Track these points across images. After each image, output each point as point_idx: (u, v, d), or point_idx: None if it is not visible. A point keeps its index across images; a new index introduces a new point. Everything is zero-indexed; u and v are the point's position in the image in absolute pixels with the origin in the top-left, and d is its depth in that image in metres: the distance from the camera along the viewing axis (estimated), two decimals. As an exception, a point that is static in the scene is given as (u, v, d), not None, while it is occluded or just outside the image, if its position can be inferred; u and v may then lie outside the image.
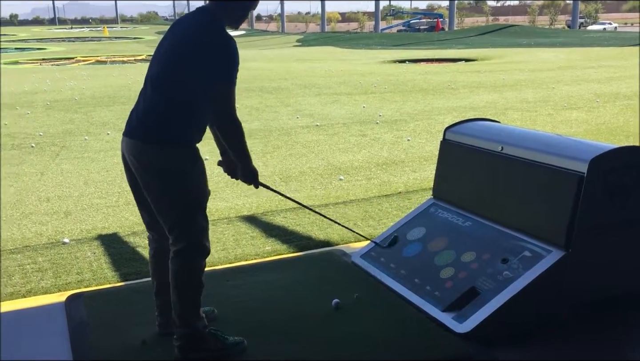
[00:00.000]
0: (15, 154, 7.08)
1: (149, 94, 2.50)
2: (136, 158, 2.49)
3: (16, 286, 3.53)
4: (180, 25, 2.58)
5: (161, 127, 2.46)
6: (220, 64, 2.44)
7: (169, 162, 2.47)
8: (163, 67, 2.49)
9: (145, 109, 2.50)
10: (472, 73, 15.63)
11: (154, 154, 2.46)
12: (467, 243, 3.22)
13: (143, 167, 2.49)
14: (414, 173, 6.05)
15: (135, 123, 2.52)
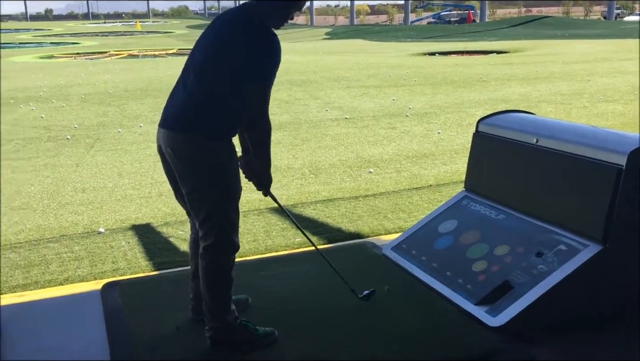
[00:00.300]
0: (51, 146, 7.23)
1: (188, 87, 2.51)
2: (172, 149, 2.51)
3: (54, 274, 3.62)
4: (224, 21, 2.57)
5: (199, 120, 2.47)
6: (258, 64, 2.43)
7: (205, 155, 2.48)
8: (203, 61, 2.50)
9: (183, 101, 2.51)
10: (504, 65, 15.40)
11: (190, 146, 2.48)
12: (500, 236, 3.19)
13: (179, 158, 2.50)
14: (444, 166, 6.00)
15: (172, 115, 2.54)
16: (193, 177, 2.52)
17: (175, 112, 2.53)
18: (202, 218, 2.55)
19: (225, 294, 2.62)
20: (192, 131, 2.47)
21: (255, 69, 2.43)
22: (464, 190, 3.76)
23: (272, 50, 2.45)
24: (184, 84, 2.54)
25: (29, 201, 5.12)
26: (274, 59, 2.46)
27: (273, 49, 2.45)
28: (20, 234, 4.31)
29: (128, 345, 2.70)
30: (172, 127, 2.51)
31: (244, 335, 2.64)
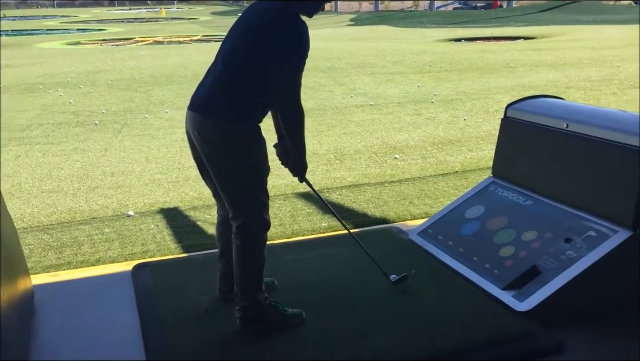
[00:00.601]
0: (80, 131, 7.35)
1: (218, 71, 2.55)
2: (199, 132, 2.54)
3: (85, 255, 3.70)
4: (257, 9, 2.60)
5: (226, 104, 2.51)
6: (289, 51, 2.47)
7: (231, 138, 2.52)
8: (234, 47, 2.54)
9: (212, 85, 2.55)
10: (532, 51, 15.16)
11: (216, 129, 2.52)
12: (528, 222, 3.17)
13: (206, 141, 2.54)
14: (470, 153, 5.96)
15: (201, 98, 2.57)
16: (219, 160, 2.56)
17: (203, 96, 2.57)
18: (231, 199, 2.60)
19: (257, 273, 2.66)
20: (218, 115, 2.51)
21: (287, 55, 2.47)
22: (491, 176, 3.75)
23: (303, 37, 2.48)
24: (214, 71, 2.59)
25: (60, 184, 5.22)
26: (304, 45, 2.49)
27: (304, 35, 2.48)
28: (52, 216, 4.41)
29: (159, 324, 2.76)
30: (199, 111, 2.55)
31: (273, 316, 2.68)
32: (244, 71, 2.50)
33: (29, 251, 3.73)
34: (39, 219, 4.35)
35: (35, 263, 3.57)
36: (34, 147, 6.58)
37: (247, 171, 2.57)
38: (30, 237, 4.00)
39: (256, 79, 2.51)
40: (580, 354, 2.51)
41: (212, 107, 2.53)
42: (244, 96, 2.51)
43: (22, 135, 7.17)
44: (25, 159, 6.06)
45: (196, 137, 2.58)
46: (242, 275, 2.64)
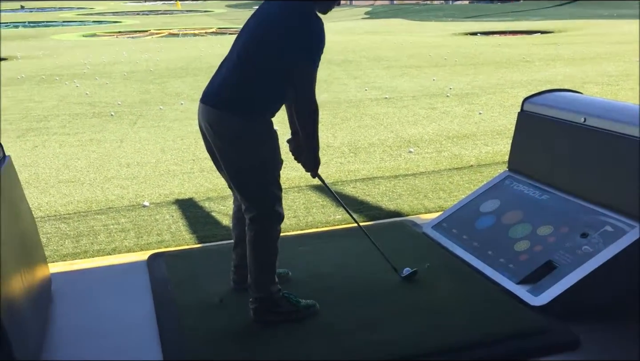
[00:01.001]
0: (96, 122, 7.41)
1: (232, 65, 2.56)
2: (211, 125, 2.56)
3: (102, 244, 3.74)
4: (273, 4, 2.59)
5: (240, 98, 2.52)
6: (303, 45, 2.48)
7: (244, 132, 2.53)
8: (250, 41, 2.55)
9: (226, 78, 2.57)
10: (548, 45, 15.01)
11: (230, 122, 2.53)
12: (543, 216, 3.15)
13: (218, 134, 2.56)
14: (486, 147, 5.93)
15: (214, 91, 2.58)
16: (232, 153, 2.58)
17: (216, 89, 2.58)
18: (244, 192, 2.61)
19: (271, 265, 2.68)
20: (231, 108, 2.52)
21: (303, 50, 2.47)
22: (506, 170, 3.72)
23: (318, 32, 2.49)
24: (228, 64, 2.59)
25: (77, 174, 5.27)
26: (319, 41, 2.50)
27: (319, 30, 2.49)
28: (69, 206, 4.46)
29: (174, 313, 2.78)
30: (212, 104, 2.56)
31: (287, 307, 2.70)
32: (258, 65, 2.51)
33: (46, 239, 3.78)
34: (56, 209, 4.40)
35: (53, 252, 3.62)
36: (51, 137, 6.65)
37: (260, 165, 2.58)
38: (47, 226, 4.05)
39: (270, 74, 2.51)
40: (595, 350, 2.49)
41: (226, 101, 2.54)
42: (257, 90, 2.52)
43: (39, 125, 7.24)
44: (42, 150, 6.13)
45: (208, 130, 2.59)
46: (256, 267, 2.66)
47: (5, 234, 2.26)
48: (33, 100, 8.98)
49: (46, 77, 11.21)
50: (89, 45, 18.81)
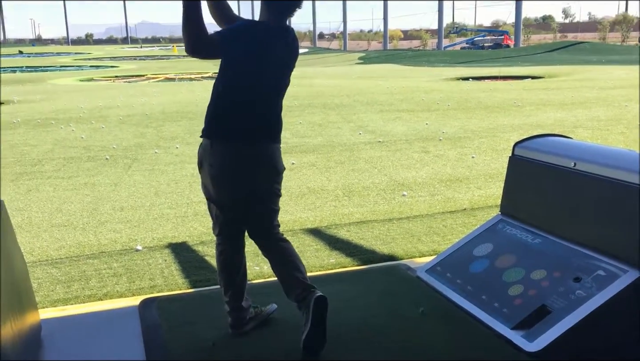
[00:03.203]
0: (91, 166, 7.43)
1: (268, 97, 2.74)
2: (270, 159, 2.73)
3: (93, 289, 3.70)
4: (281, 35, 2.74)
5: (279, 128, 2.78)
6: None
7: (279, 158, 2.81)
8: (280, 73, 2.77)
9: (271, 110, 2.75)
10: (539, 90, 15.28)
11: (275, 151, 2.75)
12: (537, 260, 3.16)
13: (267, 166, 2.74)
14: (479, 190, 5.96)
15: (271, 128, 2.74)
16: (278, 179, 2.86)
17: (266, 122, 2.75)
18: (274, 213, 2.90)
19: None
20: (275, 140, 2.78)
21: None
22: (499, 214, 3.75)
23: None
24: (259, 95, 2.71)
25: (70, 218, 5.26)
26: None
27: None
28: (61, 250, 4.43)
29: (166, 359, 2.74)
30: (270, 137, 2.77)
31: None
32: (282, 96, 2.82)
33: (37, 285, 3.74)
34: (48, 253, 4.37)
35: (44, 297, 3.58)
36: (45, 181, 6.65)
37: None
38: (39, 271, 4.02)
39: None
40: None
41: (276, 133, 2.77)
42: (280, 119, 2.81)
43: (33, 169, 7.25)
44: (36, 193, 6.12)
45: (263, 164, 2.73)
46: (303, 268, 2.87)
47: (-5, 279, 2.25)
48: (28, 144, 9.02)
49: (42, 121, 11.28)
50: (86, 90, 19.00)
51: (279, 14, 2.72)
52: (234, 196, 2.76)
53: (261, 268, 3.92)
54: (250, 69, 2.66)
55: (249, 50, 2.63)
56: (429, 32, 63.62)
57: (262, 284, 3.65)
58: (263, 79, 2.70)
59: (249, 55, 2.64)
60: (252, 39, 2.65)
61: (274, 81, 2.74)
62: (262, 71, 2.69)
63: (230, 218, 2.82)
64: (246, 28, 2.71)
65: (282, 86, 2.79)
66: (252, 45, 2.64)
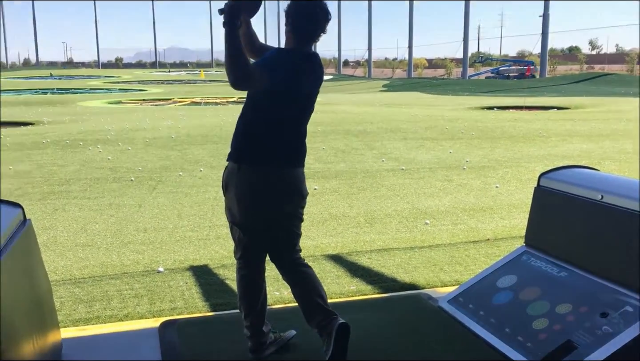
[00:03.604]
0: (116, 187, 7.53)
1: (301, 124, 2.83)
2: (301, 183, 2.81)
3: (114, 310, 3.72)
4: (309, 62, 2.81)
5: (304, 154, 2.88)
6: None
7: (304, 184, 2.90)
8: (308, 102, 2.84)
9: (302, 140, 2.84)
10: (565, 121, 15.15)
11: (297, 178, 2.83)
12: (562, 294, 3.10)
13: (303, 189, 2.81)
14: (502, 221, 5.90)
15: (299, 153, 2.82)
16: (303, 205, 2.91)
17: (302, 150, 2.84)
18: (298, 235, 2.94)
19: None
20: (301, 164, 2.86)
21: None
22: (524, 245, 3.69)
23: None
24: (298, 128, 2.83)
25: (94, 238, 5.32)
26: None
27: None
28: (84, 270, 4.47)
29: (183, 383, 2.73)
30: (302, 165, 2.85)
31: None
32: (309, 118, 2.89)
33: (60, 304, 3.77)
34: (71, 273, 4.42)
35: (65, 316, 3.60)
36: (72, 201, 6.75)
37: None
38: (62, 290, 4.06)
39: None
40: None
41: (302, 157, 2.88)
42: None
43: (61, 189, 7.37)
44: (62, 213, 6.22)
45: (289, 188, 2.79)
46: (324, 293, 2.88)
47: (20, 299, 2.27)
48: (56, 164, 9.19)
49: (70, 142, 11.50)
50: (114, 112, 19.36)
51: (306, 40, 2.76)
52: (259, 219, 2.78)
53: (281, 293, 3.91)
54: (283, 97, 2.71)
55: (284, 80, 2.68)
56: (454, 61, 63.75)
57: (281, 310, 3.64)
58: (293, 106, 2.75)
59: (284, 85, 2.69)
60: (287, 68, 2.70)
61: (302, 108, 2.79)
62: (294, 99, 2.74)
63: (253, 242, 2.83)
64: (280, 58, 2.75)
65: (309, 112, 2.84)
66: (286, 75, 2.69)
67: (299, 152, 2.82)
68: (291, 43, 2.76)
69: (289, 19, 2.74)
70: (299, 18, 2.72)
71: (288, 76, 2.68)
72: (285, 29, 2.79)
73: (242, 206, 2.74)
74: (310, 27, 2.74)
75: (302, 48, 2.76)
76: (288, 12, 2.74)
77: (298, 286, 2.87)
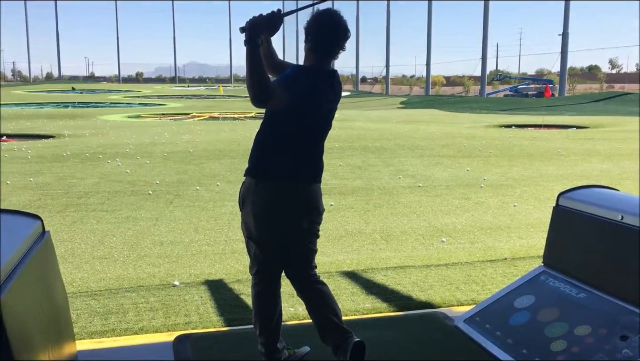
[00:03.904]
0: (134, 200, 7.59)
1: (319, 143, 2.86)
2: (317, 200, 2.83)
3: (129, 323, 3.73)
4: (328, 78, 2.82)
5: (321, 169, 2.90)
6: None
7: (320, 200, 2.91)
8: (327, 119, 2.86)
9: (320, 156, 2.86)
10: (584, 140, 15.02)
11: (314, 193, 2.85)
12: (581, 316, 3.05)
13: (304, 206, 2.81)
14: (520, 240, 5.83)
15: (316, 169, 2.84)
16: (319, 221, 2.93)
17: (321, 167, 2.86)
18: (314, 252, 2.94)
19: None
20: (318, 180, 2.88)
21: None
22: (542, 265, 3.65)
23: None
24: (317, 144, 2.85)
25: (111, 251, 5.35)
26: None
27: None
28: (101, 283, 4.50)
29: (196, 398, 2.72)
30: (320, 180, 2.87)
31: None
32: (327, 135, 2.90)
33: (76, 316, 3.80)
34: (88, 285, 4.45)
35: (81, 329, 3.62)
36: (90, 213, 6.82)
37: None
38: (78, 302, 4.08)
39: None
40: None
41: (319, 173, 2.89)
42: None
43: (79, 202, 7.45)
44: (80, 225, 6.27)
45: (306, 204, 2.80)
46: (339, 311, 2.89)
47: (37, 310, 2.29)
48: (76, 177, 9.30)
49: (90, 155, 11.64)
50: (133, 126, 19.58)
51: (325, 57, 2.78)
52: (275, 234, 2.78)
53: (296, 309, 3.90)
54: (301, 114, 2.73)
55: (303, 97, 2.70)
56: (472, 79, 63.64)
57: (296, 326, 3.62)
58: (311, 123, 2.76)
59: (303, 102, 2.70)
60: (306, 85, 2.71)
61: (320, 124, 2.81)
62: (311, 115, 2.75)
63: (269, 257, 2.83)
64: (300, 75, 2.75)
65: (327, 128, 2.86)
66: (305, 92, 2.70)
67: (316, 169, 2.83)
68: (310, 60, 2.78)
69: (308, 36, 2.76)
70: (319, 35, 2.74)
71: (307, 93, 2.69)
72: (305, 46, 2.81)
73: (258, 221, 2.74)
74: (330, 45, 2.75)
75: (321, 65, 2.78)
76: (308, 29, 2.76)
77: (313, 304, 2.86)
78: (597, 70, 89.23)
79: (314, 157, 2.81)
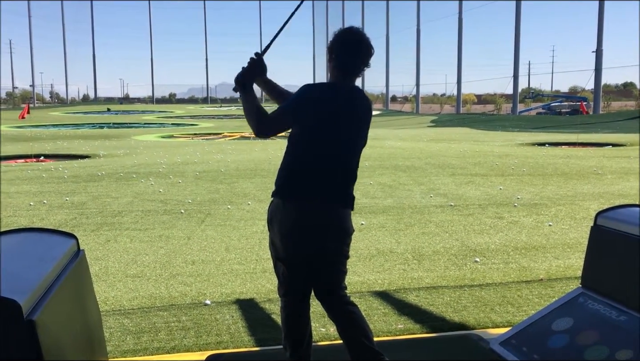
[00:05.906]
0: (166, 219, 7.67)
1: (343, 161, 2.78)
2: (340, 223, 2.76)
3: (162, 342, 3.75)
4: (355, 94, 2.80)
5: (351, 191, 2.84)
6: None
7: (349, 221, 2.84)
8: (354, 136, 2.79)
9: (345, 174, 2.79)
10: (621, 158, 14.68)
11: (342, 215, 2.78)
12: (622, 339, 2.94)
13: (343, 229, 2.77)
14: (556, 260, 5.69)
15: (339, 189, 2.77)
16: (347, 244, 2.87)
17: (339, 187, 2.79)
18: (343, 273, 2.89)
19: None
20: (349, 204, 2.83)
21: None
22: (580, 286, 3.54)
23: None
24: (334, 157, 2.77)
25: (144, 269, 5.41)
26: None
27: None
28: (133, 301, 4.54)
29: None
30: (341, 202, 2.80)
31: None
32: (358, 155, 2.82)
33: (109, 334, 3.83)
34: (121, 303, 4.49)
35: (114, 347, 3.65)
36: (123, 232, 6.91)
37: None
38: (111, 320, 4.12)
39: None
40: None
41: (349, 198, 2.80)
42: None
43: (113, 220, 7.56)
44: (114, 244, 6.36)
45: (333, 225, 2.75)
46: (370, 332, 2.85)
47: (71, 329, 2.31)
48: (110, 196, 9.46)
49: (124, 175, 11.84)
50: (166, 146, 19.90)
51: (349, 74, 2.78)
52: (302, 255, 2.76)
53: (327, 329, 3.86)
54: (318, 132, 2.72)
55: (320, 115, 2.69)
56: (504, 97, 63.02)
57: (327, 347, 3.58)
58: (336, 142, 2.73)
59: (321, 121, 2.70)
60: (321, 104, 2.71)
61: (347, 142, 2.76)
62: (335, 133, 2.72)
63: (297, 278, 2.81)
64: (304, 93, 2.75)
65: (356, 145, 2.81)
66: (315, 109, 2.70)
67: (344, 189, 2.78)
68: (335, 77, 2.79)
69: (332, 55, 2.77)
70: (342, 53, 2.75)
71: (317, 110, 2.69)
72: (329, 65, 2.82)
73: (285, 241, 2.73)
74: (353, 62, 2.75)
75: (343, 82, 2.78)
76: (331, 47, 2.77)
77: (343, 325, 2.83)
78: (632, 87, 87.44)
79: (341, 177, 2.76)
